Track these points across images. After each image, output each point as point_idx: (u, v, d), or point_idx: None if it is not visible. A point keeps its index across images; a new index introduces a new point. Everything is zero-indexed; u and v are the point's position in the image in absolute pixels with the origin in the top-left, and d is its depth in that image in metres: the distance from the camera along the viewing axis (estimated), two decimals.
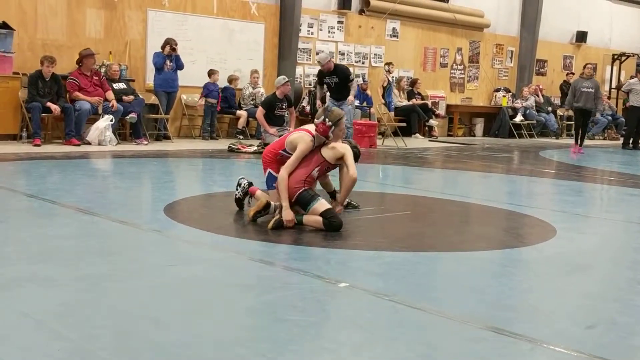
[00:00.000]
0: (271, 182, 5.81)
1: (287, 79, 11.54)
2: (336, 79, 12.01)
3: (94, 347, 2.85)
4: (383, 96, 15.96)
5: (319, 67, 12.45)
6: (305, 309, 3.52)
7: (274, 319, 3.32)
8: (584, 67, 15.25)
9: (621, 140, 17.16)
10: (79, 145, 10.92)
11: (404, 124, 15.68)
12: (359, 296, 3.75)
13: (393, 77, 16.45)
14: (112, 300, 3.46)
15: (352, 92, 12.18)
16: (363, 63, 16.51)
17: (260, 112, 11.68)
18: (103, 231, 5.17)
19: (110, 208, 6.01)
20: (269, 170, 5.89)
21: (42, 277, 3.80)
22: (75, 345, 2.87)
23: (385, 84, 16.05)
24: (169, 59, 12.48)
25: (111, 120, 11.28)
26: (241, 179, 6.10)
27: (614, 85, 21.75)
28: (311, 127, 5.78)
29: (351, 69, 15.85)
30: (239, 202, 6.11)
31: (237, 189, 6.10)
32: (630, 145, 16.33)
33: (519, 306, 3.75)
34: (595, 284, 4.32)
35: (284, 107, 11.74)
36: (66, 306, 3.35)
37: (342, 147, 5.63)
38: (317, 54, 13.24)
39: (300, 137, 5.67)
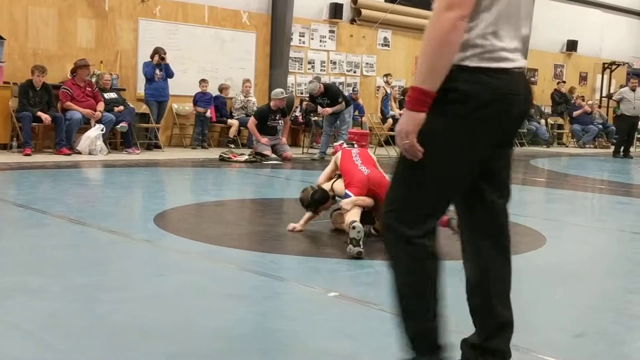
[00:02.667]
0: None
1: (284, 95, 11.66)
2: (327, 100, 12.31)
3: (84, 358, 2.84)
4: (381, 108, 16.07)
5: (311, 76, 12.52)
6: (295, 319, 3.51)
7: (264, 328, 3.31)
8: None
9: (612, 149, 17.21)
10: (69, 154, 10.90)
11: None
12: (348, 306, 3.75)
13: (392, 87, 16.50)
14: (102, 311, 3.45)
15: (335, 108, 12.25)
16: (355, 72, 16.54)
17: (252, 122, 11.75)
18: (93, 241, 5.16)
19: (100, 218, 6.00)
20: None
21: (32, 287, 3.78)
22: (64, 356, 2.86)
23: (383, 96, 16.12)
24: (158, 68, 12.49)
25: (102, 130, 11.27)
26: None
27: (604, 94, 21.84)
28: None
29: (342, 79, 15.95)
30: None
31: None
32: (621, 153, 16.38)
33: None
34: (585, 293, 4.33)
35: (277, 118, 11.85)
36: (56, 316, 3.34)
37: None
38: (309, 82, 13.25)
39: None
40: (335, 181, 5.77)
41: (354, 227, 4.86)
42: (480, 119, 2.30)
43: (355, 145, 6.26)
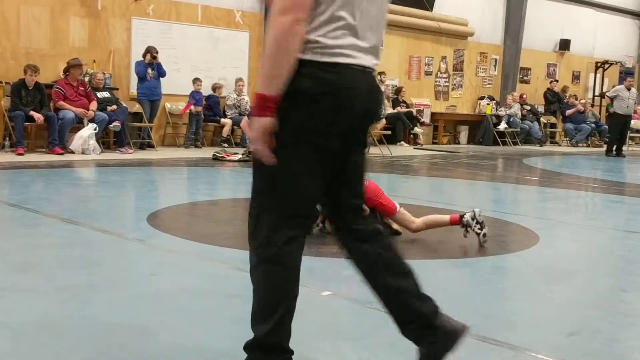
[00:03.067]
0: None
1: None
2: None
3: (76, 358, 2.83)
4: None
5: None
6: None
7: None
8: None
9: (605, 148, 17.25)
10: (62, 154, 10.87)
11: (389, 132, 15.72)
12: (342, 304, 3.74)
13: (386, 86, 16.53)
14: (95, 311, 3.44)
15: None
16: None
17: (245, 122, 11.75)
18: (86, 241, 5.14)
19: (93, 217, 5.98)
20: None
21: (24, 287, 3.77)
22: (56, 356, 2.85)
23: None
24: (150, 67, 12.47)
25: (95, 129, 11.24)
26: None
27: (597, 93, 21.90)
28: None
29: None
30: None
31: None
32: (614, 152, 16.40)
33: (502, 313, 3.76)
34: (578, 291, 4.34)
35: None
36: (47, 316, 3.32)
37: None
38: None
39: None
40: None
41: None
42: (317, 112, 2.33)
43: None
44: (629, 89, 16.10)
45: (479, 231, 5.20)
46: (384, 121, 16.03)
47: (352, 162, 2.57)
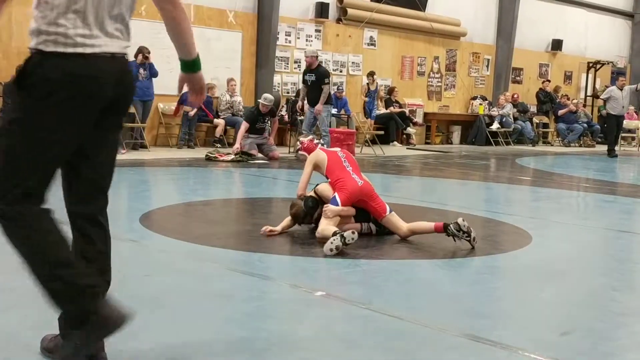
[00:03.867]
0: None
1: (271, 104, 11.81)
2: (313, 78, 12.32)
3: None
4: (364, 107, 16.24)
5: (297, 75, 12.51)
6: (282, 319, 3.52)
7: (251, 328, 3.31)
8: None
9: (597, 148, 17.25)
10: None
11: (382, 132, 15.74)
12: (335, 305, 3.75)
13: (379, 86, 16.57)
14: None
15: (322, 98, 12.21)
16: (341, 71, 16.55)
17: (244, 126, 11.89)
18: None
19: None
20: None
21: (12, 287, 3.75)
22: (48, 356, 2.84)
23: (366, 93, 16.23)
24: (142, 67, 12.44)
25: None
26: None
27: (589, 93, 21.96)
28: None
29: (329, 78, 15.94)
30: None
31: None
32: (614, 152, 15.92)
33: (495, 313, 3.77)
34: (570, 290, 4.35)
35: (265, 120, 11.96)
36: (41, 319, 3.31)
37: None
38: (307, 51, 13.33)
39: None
40: (317, 185, 5.74)
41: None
42: (59, 101, 2.40)
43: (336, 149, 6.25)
44: (621, 89, 15.93)
45: (467, 239, 5.20)
46: (372, 122, 16.07)
47: (100, 141, 2.62)
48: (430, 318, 3.53)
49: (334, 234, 4.92)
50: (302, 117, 14.05)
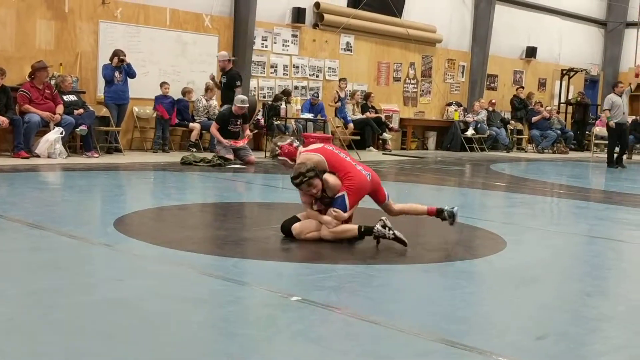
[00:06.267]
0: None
1: (245, 105, 11.70)
2: (224, 80, 12.75)
3: None
4: (335, 114, 16.25)
5: (274, 80, 12.51)
6: (257, 323, 3.50)
7: (226, 333, 3.29)
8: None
9: (573, 154, 17.28)
10: (27, 158, 10.73)
11: (358, 137, 15.76)
12: (311, 310, 3.73)
13: (347, 91, 16.60)
14: (61, 316, 3.39)
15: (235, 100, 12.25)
16: (317, 77, 16.56)
17: (214, 127, 11.76)
18: (52, 245, 5.07)
19: (59, 222, 5.91)
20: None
21: None
22: None
23: (336, 100, 16.22)
24: (118, 70, 12.37)
25: (61, 133, 11.11)
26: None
27: (563, 100, 22.16)
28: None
29: (305, 83, 15.99)
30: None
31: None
32: (615, 163, 15.19)
33: (470, 318, 3.78)
34: (544, 295, 4.38)
35: (238, 123, 11.82)
36: (13, 322, 3.27)
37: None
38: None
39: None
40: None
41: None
42: None
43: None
44: (620, 95, 15.16)
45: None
46: (351, 126, 16.11)
47: None
48: (406, 323, 3.53)
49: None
50: (278, 122, 14.07)
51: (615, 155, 15.30)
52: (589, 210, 8.57)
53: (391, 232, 5.25)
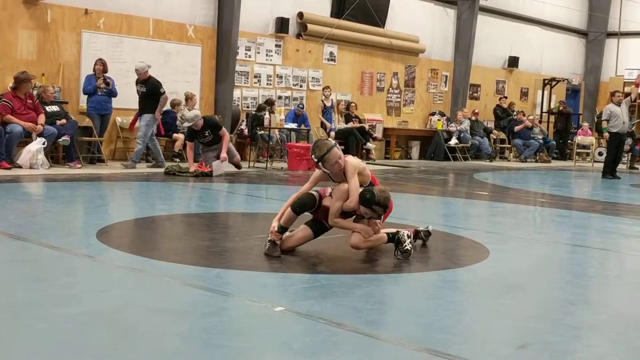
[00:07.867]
0: None
1: (197, 119, 11.55)
2: (144, 89, 12.20)
3: None
4: (321, 121, 16.31)
5: (257, 90, 12.45)
6: (240, 334, 3.49)
7: (209, 344, 3.27)
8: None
9: (555, 163, 17.38)
10: (9, 168, 10.65)
11: (342, 147, 15.72)
12: (295, 320, 3.73)
13: (332, 100, 16.65)
14: (43, 328, 3.37)
15: (159, 107, 12.25)
16: (301, 86, 16.59)
17: (188, 146, 11.80)
18: (34, 257, 5.04)
19: (41, 233, 5.87)
20: None
21: None
22: None
23: (322, 108, 16.29)
24: (99, 77, 12.28)
25: (43, 143, 11.05)
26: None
27: (545, 109, 22.32)
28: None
29: (289, 92, 16.03)
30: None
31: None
32: (609, 174, 15.00)
33: (453, 327, 3.79)
34: (527, 304, 4.40)
35: (206, 134, 11.72)
36: None
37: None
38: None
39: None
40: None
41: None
42: None
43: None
44: (619, 105, 14.96)
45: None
46: (333, 135, 16.13)
47: None
48: (389, 332, 3.53)
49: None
50: (262, 131, 14.07)
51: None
52: (571, 219, 8.62)
53: (410, 240, 5.45)
